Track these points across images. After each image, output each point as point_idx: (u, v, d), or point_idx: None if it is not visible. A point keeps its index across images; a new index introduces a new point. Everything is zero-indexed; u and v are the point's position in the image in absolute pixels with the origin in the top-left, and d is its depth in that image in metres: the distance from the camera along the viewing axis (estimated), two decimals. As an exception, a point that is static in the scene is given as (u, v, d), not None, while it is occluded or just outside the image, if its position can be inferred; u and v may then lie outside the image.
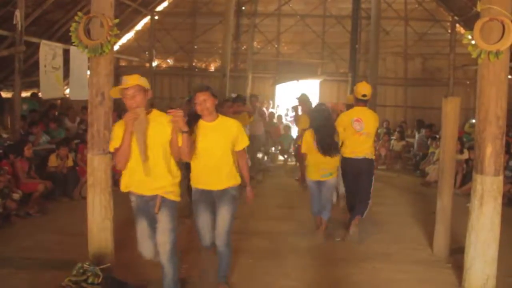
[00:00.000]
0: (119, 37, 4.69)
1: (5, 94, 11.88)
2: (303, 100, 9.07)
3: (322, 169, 6.13)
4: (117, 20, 4.65)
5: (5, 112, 10.65)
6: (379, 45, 14.16)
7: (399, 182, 11.03)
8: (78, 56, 11.10)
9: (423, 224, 7.12)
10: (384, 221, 7.46)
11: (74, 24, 4.67)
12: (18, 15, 8.91)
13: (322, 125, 6.02)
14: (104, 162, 4.83)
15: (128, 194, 4.06)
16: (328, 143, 5.98)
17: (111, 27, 4.56)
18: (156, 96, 15.82)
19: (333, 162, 6.15)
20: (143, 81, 3.84)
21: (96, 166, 4.80)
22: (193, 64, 16.62)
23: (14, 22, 8.92)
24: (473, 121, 13.30)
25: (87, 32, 4.68)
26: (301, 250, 5.98)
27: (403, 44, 15.91)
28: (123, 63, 16.37)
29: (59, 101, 13.71)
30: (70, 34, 4.75)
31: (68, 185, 8.39)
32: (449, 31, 15.70)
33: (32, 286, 4.71)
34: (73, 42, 4.71)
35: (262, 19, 16.06)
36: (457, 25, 15.53)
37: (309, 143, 6.12)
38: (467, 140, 10.92)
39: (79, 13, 4.70)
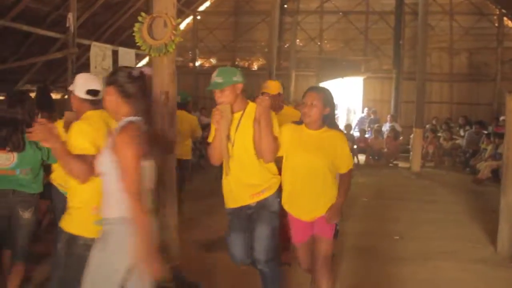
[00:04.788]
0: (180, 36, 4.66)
1: (55, 96, 12.14)
2: None
3: None
4: (179, 20, 4.68)
5: (56, 112, 10.86)
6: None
7: (449, 180, 10.83)
8: (126, 57, 11.28)
9: (481, 222, 6.98)
10: (439, 219, 7.35)
11: (137, 25, 4.68)
12: (70, 18, 9.07)
13: None
14: (168, 161, 4.84)
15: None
16: None
17: (175, 27, 4.59)
18: (199, 95, 15.97)
19: None
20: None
21: (160, 165, 4.77)
22: (236, 63, 16.64)
23: (67, 25, 9.09)
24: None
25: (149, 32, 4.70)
26: (362, 249, 5.92)
27: (448, 39, 15.60)
28: (166, 63, 16.47)
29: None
30: (133, 34, 4.75)
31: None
32: (496, 24, 15.32)
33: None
34: (137, 43, 4.74)
35: (305, 16, 16.02)
36: (505, 18, 15.16)
37: None
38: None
39: (143, 14, 4.72)
